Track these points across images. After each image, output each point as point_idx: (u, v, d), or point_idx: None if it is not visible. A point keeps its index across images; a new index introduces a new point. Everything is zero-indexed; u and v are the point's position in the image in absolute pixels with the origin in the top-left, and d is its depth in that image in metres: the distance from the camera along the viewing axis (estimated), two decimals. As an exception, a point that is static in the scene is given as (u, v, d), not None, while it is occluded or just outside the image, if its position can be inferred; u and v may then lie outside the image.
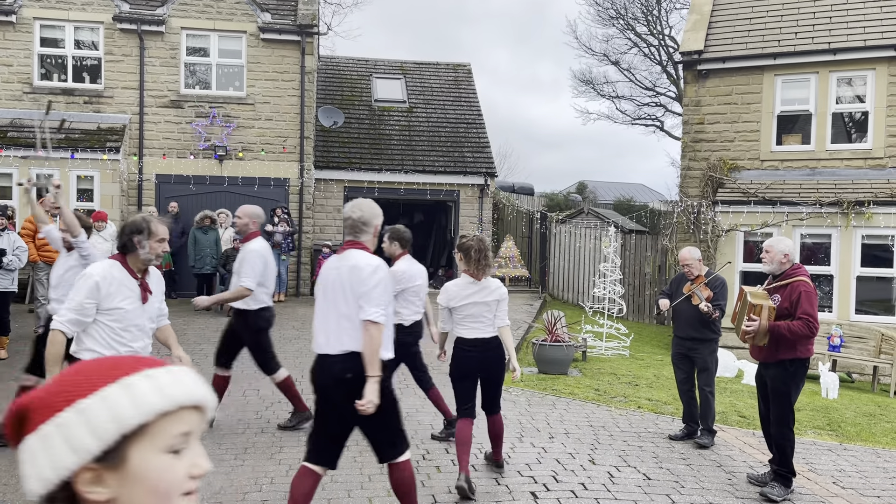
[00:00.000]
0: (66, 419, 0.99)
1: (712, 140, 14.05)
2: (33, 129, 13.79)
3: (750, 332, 5.17)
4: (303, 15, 15.54)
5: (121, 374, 1.02)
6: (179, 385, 1.04)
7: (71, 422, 0.98)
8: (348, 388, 3.70)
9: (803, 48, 13.39)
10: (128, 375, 1.02)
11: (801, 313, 5.08)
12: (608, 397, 8.01)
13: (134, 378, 1.02)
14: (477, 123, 18.35)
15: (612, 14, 30.81)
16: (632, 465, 5.67)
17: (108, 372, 1.03)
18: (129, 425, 0.99)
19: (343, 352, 3.74)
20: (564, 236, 18.29)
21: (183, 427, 1.04)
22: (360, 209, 3.94)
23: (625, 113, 32.75)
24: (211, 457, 5.55)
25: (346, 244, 3.96)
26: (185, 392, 1.04)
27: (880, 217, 12.02)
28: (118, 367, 1.04)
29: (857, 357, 11.05)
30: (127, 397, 0.99)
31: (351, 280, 3.77)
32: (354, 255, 3.86)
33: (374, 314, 3.69)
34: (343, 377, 3.72)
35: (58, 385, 1.03)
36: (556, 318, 9.83)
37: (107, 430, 0.98)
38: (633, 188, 39.64)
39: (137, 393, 1.00)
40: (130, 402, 0.99)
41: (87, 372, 1.04)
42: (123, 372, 1.03)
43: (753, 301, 5.15)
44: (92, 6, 14.79)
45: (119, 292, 3.81)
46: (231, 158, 15.23)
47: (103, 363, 1.06)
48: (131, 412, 0.99)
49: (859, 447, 6.78)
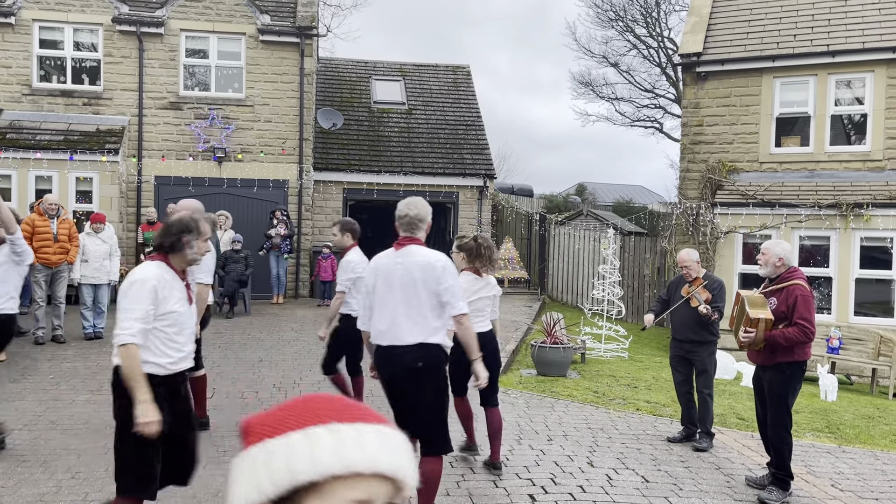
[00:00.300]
0: (256, 455, 0.96)
1: (711, 142, 14.06)
2: (32, 130, 13.80)
3: (745, 342, 5.22)
4: (302, 17, 15.55)
5: (311, 421, 0.96)
6: (361, 448, 0.93)
7: (258, 459, 0.95)
8: (419, 376, 3.95)
9: (802, 50, 13.40)
10: (316, 425, 0.95)
11: (797, 318, 5.08)
12: (607, 399, 8.01)
13: (320, 430, 0.94)
14: (476, 125, 18.37)
15: (612, 16, 30.86)
16: (630, 468, 5.67)
17: (302, 414, 0.97)
18: (301, 480, 0.93)
19: (414, 343, 3.96)
20: (563, 238, 18.29)
21: (358, 495, 0.93)
22: (416, 207, 4.14)
23: (624, 115, 32.81)
24: (209, 458, 5.56)
25: (403, 240, 4.12)
26: (365, 458, 0.93)
27: (879, 219, 12.02)
28: (315, 412, 0.97)
29: (855, 359, 11.05)
30: (305, 450, 0.93)
31: (424, 276, 3.99)
32: (421, 252, 4.06)
33: (463, 307, 4.05)
34: (414, 367, 3.95)
35: (269, 415, 0.99)
36: (554, 320, 9.83)
37: (282, 478, 0.93)
38: (632, 190, 39.67)
39: (316, 448, 0.93)
40: (307, 457, 0.93)
41: (292, 409, 0.98)
42: (315, 419, 0.96)
43: (752, 314, 5.15)
44: (91, 8, 14.80)
45: (171, 295, 3.63)
46: (230, 160, 15.24)
47: (309, 403, 0.98)
48: (304, 467, 0.92)
49: (858, 449, 6.78)
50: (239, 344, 10.06)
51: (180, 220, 3.74)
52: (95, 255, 9.93)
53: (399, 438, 0.98)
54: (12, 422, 6.25)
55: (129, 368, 3.46)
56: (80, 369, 8.27)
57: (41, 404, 6.81)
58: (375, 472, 0.94)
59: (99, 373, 8.10)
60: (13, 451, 5.50)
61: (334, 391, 7.46)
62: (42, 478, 5.00)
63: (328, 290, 14.46)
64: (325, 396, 1.00)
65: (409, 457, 0.98)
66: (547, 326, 9.58)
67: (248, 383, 7.73)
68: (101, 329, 10.08)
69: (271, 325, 11.68)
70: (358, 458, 0.93)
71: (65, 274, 9.76)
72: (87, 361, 8.67)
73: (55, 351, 8.98)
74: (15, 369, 8.10)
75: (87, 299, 9.92)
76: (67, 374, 8.03)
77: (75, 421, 6.28)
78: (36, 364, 8.39)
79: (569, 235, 18.19)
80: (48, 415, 6.48)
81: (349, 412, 0.97)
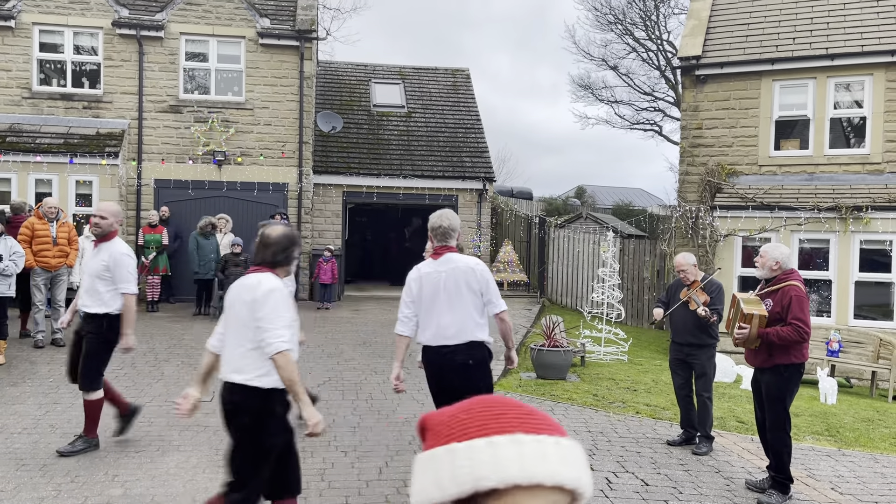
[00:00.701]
0: (440, 456, 1.00)
1: (710, 145, 14.07)
2: (32, 133, 13.80)
3: (739, 339, 5.23)
4: (301, 20, 15.57)
5: (495, 430, 1.00)
6: (542, 461, 0.97)
7: (441, 460, 1.00)
8: (468, 371, 4.36)
9: (801, 53, 13.42)
10: (500, 434, 0.99)
11: (791, 318, 5.11)
12: (606, 402, 8.01)
13: (502, 439, 0.99)
14: (475, 128, 18.38)
15: (611, 19, 30.89)
16: (630, 471, 5.67)
17: (485, 422, 1.01)
18: (483, 486, 0.97)
19: (465, 342, 4.38)
20: (563, 241, 18.30)
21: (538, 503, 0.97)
22: (448, 219, 4.56)
23: (623, 118, 32.81)
24: (208, 462, 5.55)
25: (441, 249, 4.54)
26: (547, 471, 0.97)
27: (878, 222, 12.04)
28: (498, 419, 1.01)
29: (855, 362, 11.05)
30: (488, 456, 0.97)
31: (467, 280, 4.42)
32: (459, 258, 4.51)
33: (504, 304, 4.52)
34: (466, 363, 4.38)
35: (450, 416, 1.04)
36: (554, 323, 9.83)
37: (465, 481, 0.98)
38: (632, 193, 39.70)
39: (499, 457, 0.97)
40: (490, 464, 0.97)
41: (474, 412, 1.03)
42: (499, 429, 1.00)
43: (746, 309, 5.19)
44: (91, 11, 14.82)
45: (288, 305, 3.68)
46: (230, 163, 15.25)
47: (493, 408, 1.03)
48: (487, 473, 0.97)
49: (858, 452, 6.77)
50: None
51: (289, 235, 3.76)
52: None
53: (577, 449, 1.01)
54: (12, 425, 6.25)
55: (291, 373, 3.47)
56: (80, 373, 8.26)
57: (40, 408, 6.81)
58: (556, 483, 0.97)
59: (98, 376, 8.10)
60: (12, 455, 5.50)
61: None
62: (41, 482, 4.99)
63: (328, 293, 14.46)
64: (507, 402, 1.04)
65: (586, 467, 1.01)
66: (546, 329, 9.58)
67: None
68: (101, 332, 10.06)
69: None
70: (540, 470, 0.97)
71: (64, 277, 9.76)
72: (86, 365, 8.66)
73: (55, 354, 8.98)
74: (14, 373, 8.09)
75: (86, 303, 9.92)
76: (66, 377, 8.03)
77: (74, 425, 6.27)
78: (35, 368, 8.39)
79: (568, 238, 18.20)
80: (47, 418, 6.48)
81: (530, 422, 1.01)
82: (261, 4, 15.82)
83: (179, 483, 5.04)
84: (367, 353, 9.77)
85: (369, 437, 6.25)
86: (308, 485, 5.07)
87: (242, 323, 3.56)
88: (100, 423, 5.69)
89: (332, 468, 5.45)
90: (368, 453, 5.81)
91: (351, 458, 5.69)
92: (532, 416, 1.02)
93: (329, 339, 10.99)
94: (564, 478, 0.97)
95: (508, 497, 0.97)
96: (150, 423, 6.43)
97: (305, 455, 5.69)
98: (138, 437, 6.02)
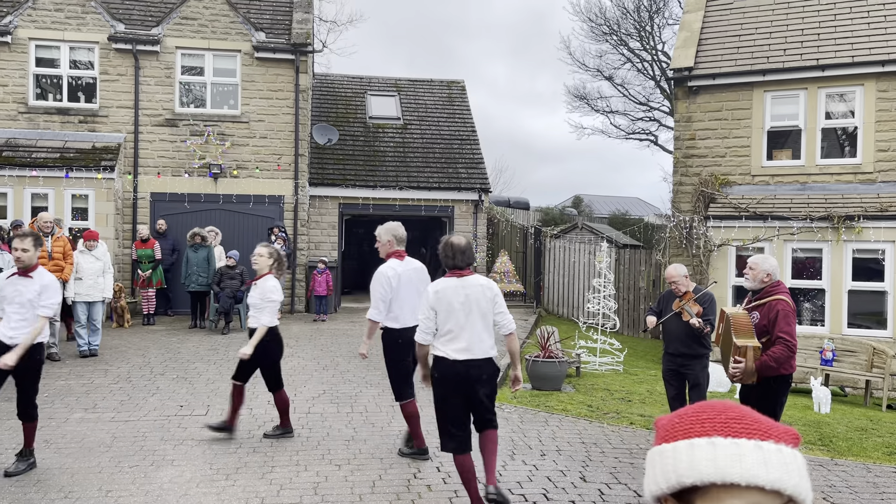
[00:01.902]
0: (657, 454, 1.13)
1: (704, 155, 14.16)
2: (28, 148, 13.84)
3: (737, 373, 5.22)
4: (297, 34, 15.67)
5: (696, 432, 1.10)
6: (737, 462, 1.04)
7: (655, 459, 1.14)
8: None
9: (792, 65, 13.53)
10: (700, 437, 1.09)
11: (779, 332, 5.15)
12: (601, 413, 8.03)
13: (701, 441, 1.08)
14: (471, 140, 18.47)
15: (606, 30, 31.10)
16: (623, 483, 5.69)
17: (691, 426, 1.11)
18: (683, 483, 1.07)
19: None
20: (559, 251, 18.36)
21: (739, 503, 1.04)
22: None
23: (619, 128, 32.99)
24: (202, 477, 5.56)
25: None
26: (740, 471, 1.03)
27: (870, 231, 12.10)
28: (702, 423, 1.11)
29: (849, 371, 11.08)
30: (686, 456, 1.08)
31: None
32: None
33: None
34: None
35: (670, 420, 1.16)
36: (549, 334, 9.86)
37: (668, 478, 1.09)
38: (628, 202, 39.84)
39: (696, 457, 1.07)
40: (687, 463, 1.07)
41: (684, 417, 1.14)
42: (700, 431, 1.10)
43: (739, 342, 5.18)
44: (87, 26, 14.91)
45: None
46: (226, 176, 15.30)
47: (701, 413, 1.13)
48: (686, 471, 1.07)
49: (850, 462, 6.79)
50: (234, 360, 10.05)
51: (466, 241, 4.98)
52: (89, 273, 9.96)
53: (788, 454, 1.06)
54: (6, 441, 6.25)
55: (518, 350, 5.02)
56: (75, 387, 8.27)
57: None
58: (751, 484, 1.03)
59: (93, 391, 8.11)
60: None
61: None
62: (35, 497, 5.01)
63: (323, 305, 14.49)
64: (720, 407, 1.13)
65: (797, 471, 1.05)
66: (541, 340, 9.61)
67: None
68: (96, 346, 10.08)
69: (267, 341, 11.66)
70: (732, 470, 1.03)
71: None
72: (81, 379, 8.67)
73: (49, 369, 8.98)
74: (8, 388, 8.09)
75: (81, 317, 9.93)
76: (62, 392, 8.04)
77: (69, 440, 6.29)
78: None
79: (564, 248, 18.25)
80: (42, 433, 6.47)
81: (734, 426, 1.08)
82: (256, 18, 15.92)
83: (173, 498, 5.05)
84: (363, 366, 9.78)
85: (363, 449, 6.27)
86: (301, 499, 5.09)
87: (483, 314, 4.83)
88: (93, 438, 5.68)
89: (325, 482, 5.46)
90: (362, 466, 5.82)
91: (345, 471, 5.70)
92: (738, 420, 1.09)
93: (324, 351, 11.00)
94: (761, 479, 1.03)
95: (712, 495, 1.05)
96: (145, 437, 6.43)
97: (299, 469, 5.71)
98: (132, 451, 6.03)
